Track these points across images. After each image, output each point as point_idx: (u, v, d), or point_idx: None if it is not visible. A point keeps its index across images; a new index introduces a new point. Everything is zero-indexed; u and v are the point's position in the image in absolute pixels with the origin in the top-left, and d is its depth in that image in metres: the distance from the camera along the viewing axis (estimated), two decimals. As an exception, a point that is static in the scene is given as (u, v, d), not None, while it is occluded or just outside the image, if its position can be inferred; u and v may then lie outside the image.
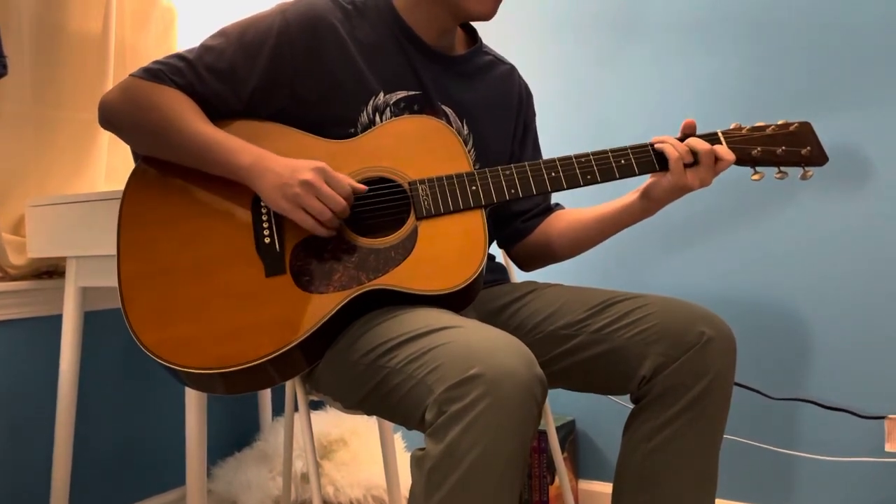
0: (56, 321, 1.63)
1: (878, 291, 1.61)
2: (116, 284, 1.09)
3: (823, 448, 1.66)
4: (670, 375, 1.06)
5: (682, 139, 1.15)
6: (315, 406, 2.05)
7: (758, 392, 1.71)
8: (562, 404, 1.95)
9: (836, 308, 1.65)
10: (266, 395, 2.12)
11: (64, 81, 1.69)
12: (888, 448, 1.59)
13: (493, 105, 1.31)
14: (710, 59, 1.79)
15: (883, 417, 1.60)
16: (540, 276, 1.43)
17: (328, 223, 1.06)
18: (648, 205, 1.20)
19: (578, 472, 1.97)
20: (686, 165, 1.13)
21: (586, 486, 1.95)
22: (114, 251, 1.11)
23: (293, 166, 1.06)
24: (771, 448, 1.72)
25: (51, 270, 1.68)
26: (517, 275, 1.53)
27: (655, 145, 1.15)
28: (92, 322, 1.69)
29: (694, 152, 1.13)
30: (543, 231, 1.34)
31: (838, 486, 1.65)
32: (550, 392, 1.17)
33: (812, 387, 1.68)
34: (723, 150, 1.13)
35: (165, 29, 1.92)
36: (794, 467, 1.70)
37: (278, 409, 2.15)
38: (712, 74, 1.79)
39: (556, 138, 1.50)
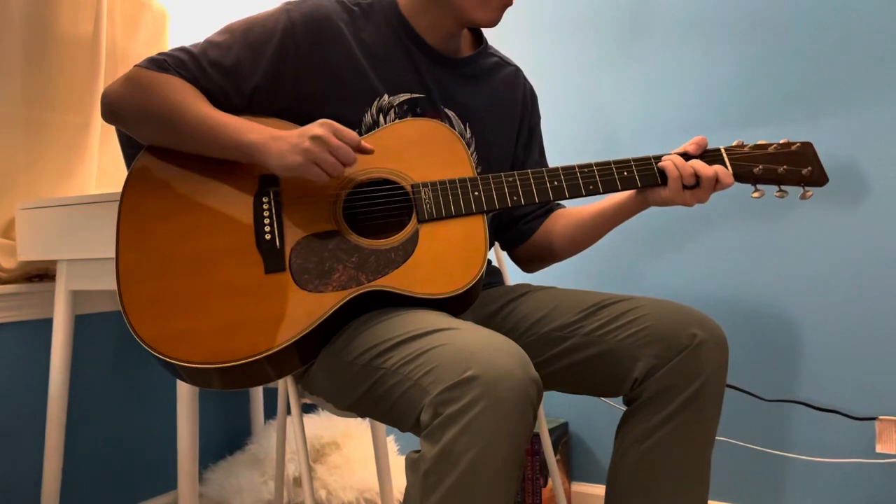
0: (46, 325, 1.62)
1: (868, 293, 1.62)
2: (107, 287, 1.08)
3: (815, 449, 1.67)
4: (663, 377, 1.06)
5: (687, 157, 1.15)
6: (307, 409, 2.04)
7: (749, 394, 1.72)
8: (555, 406, 1.96)
9: (827, 310, 1.66)
10: (258, 399, 2.11)
11: (55, 84, 1.69)
12: (879, 449, 1.60)
13: (498, 108, 1.31)
14: (709, 63, 1.80)
15: (874, 419, 1.61)
16: (534, 278, 1.44)
17: (339, 176, 1.06)
18: (644, 204, 1.21)
19: (571, 474, 1.97)
20: (686, 187, 1.14)
21: (579, 488, 1.95)
22: (105, 254, 1.11)
23: (301, 129, 1.06)
24: (762, 449, 1.73)
25: (41, 274, 1.67)
26: (511, 277, 1.53)
27: (659, 163, 1.15)
28: (82, 325, 1.68)
29: (697, 176, 1.13)
30: (544, 232, 1.35)
31: (830, 487, 1.66)
32: (543, 394, 1.17)
33: (803, 388, 1.69)
34: (724, 173, 1.13)
35: (157, 32, 1.92)
36: (785, 468, 1.71)
37: (270, 413, 2.15)
38: (711, 78, 1.80)
39: (554, 140, 1.50)
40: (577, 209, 1.31)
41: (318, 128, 1.05)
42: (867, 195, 1.63)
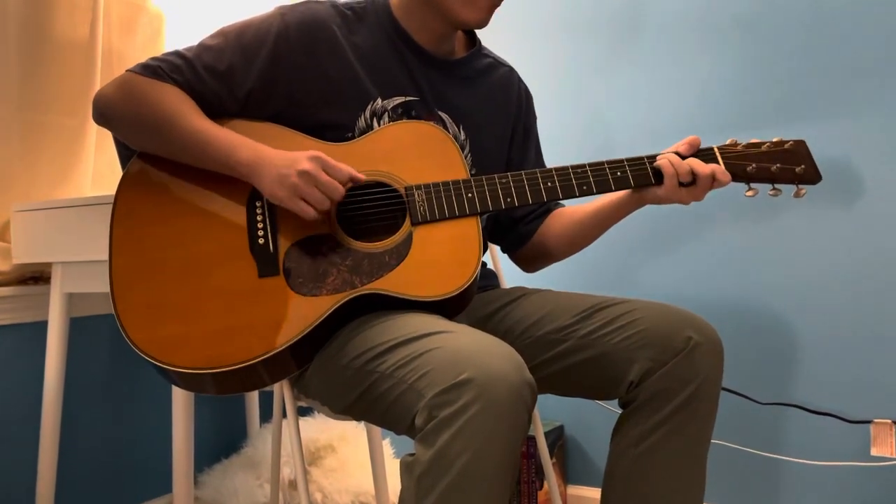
0: (41, 327, 1.61)
1: (864, 295, 1.62)
2: (103, 290, 1.08)
3: (810, 452, 1.67)
4: (658, 380, 1.07)
5: (683, 156, 1.15)
6: (303, 412, 2.04)
7: (745, 397, 1.72)
8: (550, 409, 1.96)
9: (822, 313, 1.66)
10: (253, 402, 2.11)
11: (50, 86, 1.68)
12: (874, 452, 1.60)
13: (492, 109, 1.31)
14: (705, 63, 1.80)
15: (869, 422, 1.61)
16: (530, 280, 1.44)
17: (326, 211, 1.06)
18: (640, 202, 1.21)
19: (567, 477, 1.97)
20: (682, 184, 1.14)
21: (575, 491, 1.95)
22: (100, 256, 1.11)
23: (291, 157, 1.06)
24: (758, 452, 1.73)
25: (36, 276, 1.67)
26: (507, 280, 1.53)
27: (655, 162, 1.15)
28: (78, 328, 1.68)
29: (694, 173, 1.13)
30: (543, 232, 1.35)
31: (824, 491, 1.66)
32: (539, 397, 1.17)
33: (798, 391, 1.69)
34: (721, 171, 1.13)
35: (153, 35, 1.92)
36: (780, 471, 1.71)
37: (266, 416, 2.14)
38: (706, 80, 1.80)
39: (550, 141, 1.50)
40: (575, 208, 1.31)
41: (308, 162, 1.05)
42: (863, 198, 1.63)
